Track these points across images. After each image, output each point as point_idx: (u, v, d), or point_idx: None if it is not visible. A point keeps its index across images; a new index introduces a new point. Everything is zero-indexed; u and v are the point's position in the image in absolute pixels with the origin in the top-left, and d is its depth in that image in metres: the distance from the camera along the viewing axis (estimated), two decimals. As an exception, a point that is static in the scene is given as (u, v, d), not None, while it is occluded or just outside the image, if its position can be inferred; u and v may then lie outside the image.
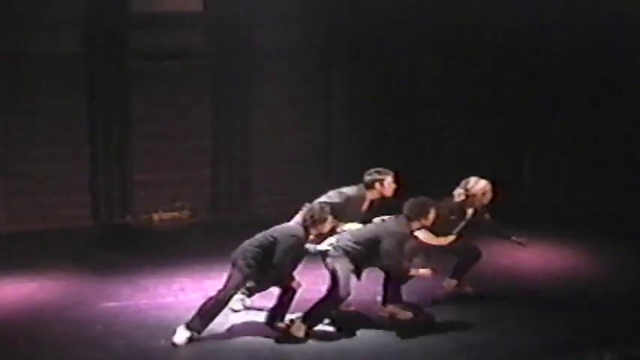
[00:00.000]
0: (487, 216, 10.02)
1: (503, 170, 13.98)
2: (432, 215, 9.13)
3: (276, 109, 13.64)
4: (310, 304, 9.16)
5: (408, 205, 9.11)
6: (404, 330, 9.28)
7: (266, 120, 13.67)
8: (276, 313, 9.24)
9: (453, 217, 9.71)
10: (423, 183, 11.53)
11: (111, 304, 10.03)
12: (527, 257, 11.52)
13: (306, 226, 9.01)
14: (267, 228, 9.15)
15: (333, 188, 9.71)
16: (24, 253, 11.98)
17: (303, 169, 13.70)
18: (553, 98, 14.04)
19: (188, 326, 8.93)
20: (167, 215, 13.63)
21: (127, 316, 9.69)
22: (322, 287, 9.39)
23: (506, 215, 10.07)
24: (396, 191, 9.64)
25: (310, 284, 9.63)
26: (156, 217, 13.56)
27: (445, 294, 10.06)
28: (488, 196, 9.82)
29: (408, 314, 9.56)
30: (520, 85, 14.07)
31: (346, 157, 13.71)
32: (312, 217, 9.00)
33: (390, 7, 13.54)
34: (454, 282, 10.11)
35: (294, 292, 9.17)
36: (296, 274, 9.17)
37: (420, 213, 9.08)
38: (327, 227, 9.08)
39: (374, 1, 13.63)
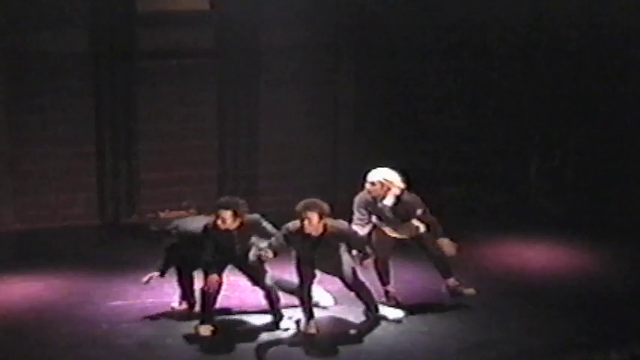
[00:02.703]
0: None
1: (510, 171, 13.96)
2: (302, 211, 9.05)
3: (283, 108, 13.63)
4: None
5: None
6: (410, 330, 9.30)
7: (273, 119, 13.66)
8: (274, 313, 9.39)
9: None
10: (429, 182, 11.52)
11: (117, 302, 10.06)
12: (534, 257, 11.51)
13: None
14: (272, 226, 9.34)
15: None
16: (31, 252, 12.01)
17: (309, 168, 13.69)
18: (560, 98, 14.00)
19: (201, 321, 9.19)
20: (174, 214, 13.61)
21: (134, 314, 9.71)
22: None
23: (512, 215, 10.05)
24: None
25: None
26: (162, 215, 13.55)
27: (450, 293, 10.05)
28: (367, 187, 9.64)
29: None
30: (526, 86, 14.03)
31: (352, 156, 13.68)
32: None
33: (398, 7, 13.50)
34: (452, 280, 9.97)
35: (263, 287, 9.28)
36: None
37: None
38: (226, 219, 9.31)
39: (381, 1, 13.60)
